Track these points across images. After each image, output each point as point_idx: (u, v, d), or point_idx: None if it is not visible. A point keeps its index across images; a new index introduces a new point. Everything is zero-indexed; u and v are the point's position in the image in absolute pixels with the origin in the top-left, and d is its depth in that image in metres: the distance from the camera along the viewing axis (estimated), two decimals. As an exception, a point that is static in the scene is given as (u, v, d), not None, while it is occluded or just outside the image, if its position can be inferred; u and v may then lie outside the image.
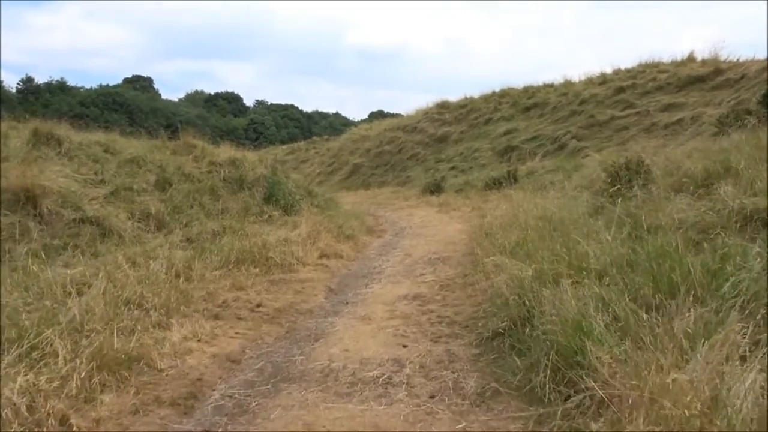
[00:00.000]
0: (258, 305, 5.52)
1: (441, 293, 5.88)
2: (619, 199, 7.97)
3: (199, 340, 4.44)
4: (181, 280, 6.01)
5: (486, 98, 28.03)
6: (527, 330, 3.85)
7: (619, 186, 8.38)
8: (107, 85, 64.90)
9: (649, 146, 13.94)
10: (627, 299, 3.55)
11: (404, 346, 4.28)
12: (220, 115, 67.20)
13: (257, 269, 6.95)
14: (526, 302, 4.06)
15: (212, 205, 10.08)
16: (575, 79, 25.09)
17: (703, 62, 19.71)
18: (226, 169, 11.67)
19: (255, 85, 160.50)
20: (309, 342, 4.60)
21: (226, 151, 12.39)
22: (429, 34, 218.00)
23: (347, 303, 5.88)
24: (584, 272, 4.29)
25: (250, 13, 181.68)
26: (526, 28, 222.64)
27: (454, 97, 30.21)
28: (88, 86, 64.66)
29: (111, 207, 8.70)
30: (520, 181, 16.70)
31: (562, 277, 4.18)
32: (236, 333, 4.73)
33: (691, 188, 6.98)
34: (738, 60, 19.00)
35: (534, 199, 11.29)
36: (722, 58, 19.27)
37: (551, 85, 26.18)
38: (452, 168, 23.26)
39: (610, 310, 3.45)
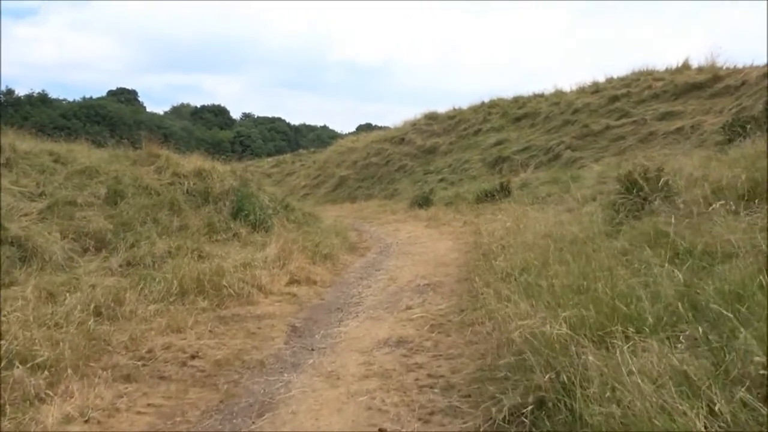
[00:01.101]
0: (193, 356, 4.16)
1: (432, 336, 4.53)
2: (639, 214, 6.74)
3: (86, 420, 3.07)
4: (101, 319, 4.63)
5: (475, 109, 26.90)
6: (563, 415, 2.53)
7: (636, 198, 7.12)
8: (90, 98, 63.22)
9: (654, 156, 12.81)
10: (721, 375, 2.24)
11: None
12: (206, 127, 65.63)
13: (206, 302, 5.60)
14: (559, 370, 2.73)
15: (169, 221, 8.69)
16: (566, 89, 24.05)
17: (700, 69, 18.67)
18: (190, 180, 10.30)
19: (242, 99, 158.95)
20: (249, 418, 3.24)
21: (192, 162, 11.01)
22: (416, 48, 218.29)
23: (312, 350, 4.52)
24: (634, 321, 2.98)
25: (238, 27, 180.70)
26: (514, 40, 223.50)
27: (442, 108, 29.07)
28: (71, 99, 62.96)
29: (43, 224, 7.30)
30: (513, 193, 15.46)
31: (605, 330, 2.86)
32: (148, 405, 3.37)
33: (731, 202, 5.73)
34: (736, 67, 17.97)
35: (533, 213, 10.03)
36: (719, 65, 18.23)
37: (542, 95, 25.11)
38: (441, 180, 22.02)
39: (702, 395, 2.14)
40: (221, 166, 11.44)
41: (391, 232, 13.96)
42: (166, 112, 70.16)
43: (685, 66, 19.79)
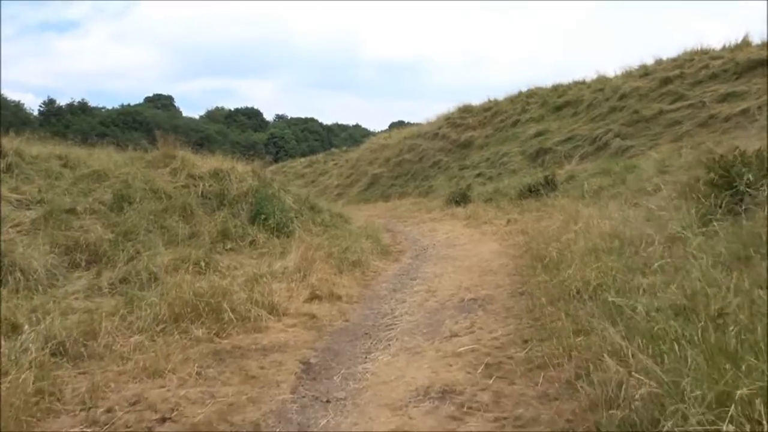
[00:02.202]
0: (165, 418, 3.04)
1: (489, 384, 3.29)
2: (738, 209, 5.39)
3: None
4: (63, 359, 3.57)
5: (512, 99, 25.39)
6: None
7: (729, 189, 5.75)
8: (128, 105, 63.79)
9: (723, 140, 11.27)
10: None
11: None
12: (240, 130, 65.47)
13: (202, 329, 4.49)
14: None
15: (180, 228, 7.68)
16: (610, 74, 22.34)
17: (764, 45, 16.82)
18: (206, 182, 9.30)
19: (275, 101, 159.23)
20: None
21: (209, 162, 10.02)
22: (448, 44, 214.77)
23: (327, 401, 3.36)
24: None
25: (269, 30, 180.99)
26: (547, 32, 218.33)
27: (477, 101, 27.62)
28: (110, 107, 63.61)
29: (32, 236, 6.35)
30: (559, 187, 14.06)
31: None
32: None
33: None
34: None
35: (587, 210, 8.66)
36: (786, 40, 16.37)
37: (583, 82, 23.46)
38: (478, 175, 20.66)
39: None
40: (241, 166, 10.42)
41: (427, 233, 12.74)
42: (201, 116, 70.41)
43: (745, 42, 17.96)
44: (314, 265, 6.82)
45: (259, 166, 10.97)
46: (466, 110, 27.13)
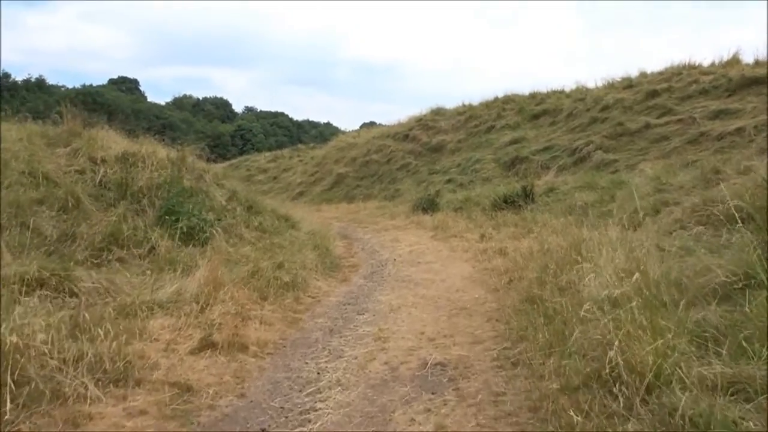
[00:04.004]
0: None
1: None
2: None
3: None
4: None
5: (487, 105, 23.74)
6: None
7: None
8: (90, 85, 60.13)
9: (728, 159, 9.68)
10: None
11: None
12: (207, 120, 62.44)
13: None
14: None
15: (52, 227, 5.58)
16: (590, 84, 20.86)
17: (757, 63, 15.49)
18: (111, 168, 7.19)
19: (249, 93, 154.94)
20: None
21: (119, 143, 7.91)
22: (426, 50, 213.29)
23: None
24: None
25: (248, 22, 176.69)
26: (527, 43, 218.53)
27: (451, 104, 25.91)
28: (71, 87, 59.93)
29: None
30: (538, 200, 12.34)
31: None
32: None
33: None
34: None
35: (578, 230, 6.86)
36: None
37: (562, 91, 21.95)
38: (449, 181, 18.89)
39: None
40: (164, 151, 8.34)
41: (389, 243, 10.84)
42: (167, 103, 67.05)
43: (735, 60, 16.62)
44: (223, 290, 4.82)
45: (189, 151, 8.87)
46: (438, 113, 25.40)
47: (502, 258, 7.36)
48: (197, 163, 9.06)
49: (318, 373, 3.68)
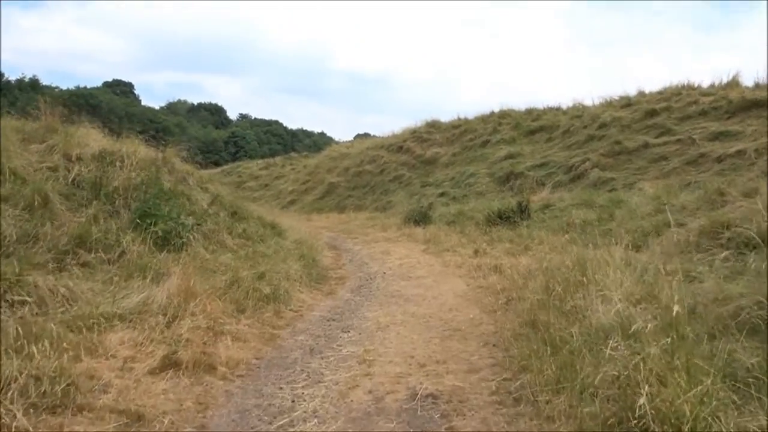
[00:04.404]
0: None
1: None
2: None
3: None
4: None
5: (483, 119, 23.45)
6: None
7: None
8: (84, 87, 59.44)
9: (732, 181, 9.35)
10: None
11: None
12: (201, 125, 61.84)
13: None
14: None
15: (12, 228, 5.10)
16: (587, 102, 20.62)
17: (757, 86, 15.29)
18: (86, 166, 6.74)
19: (243, 101, 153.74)
20: None
21: (98, 141, 7.47)
22: (419, 62, 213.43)
23: None
24: None
25: (244, 30, 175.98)
26: (521, 60, 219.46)
27: (446, 118, 25.62)
28: (65, 88, 59.23)
29: None
30: (533, 216, 11.97)
31: None
32: None
33: None
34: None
35: (588, 251, 6.46)
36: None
37: (558, 108, 21.71)
38: (442, 194, 18.52)
39: None
40: (145, 150, 7.89)
41: (379, 256, 10.41)
42: (161, 107, 66.44)
43: (734, 82, 16.42)
44: (195, 301, 4.37)
45: (172, 153, 8.43)
46: (433, 125, 25.10)
47: (498, 275, 6.94)
48: (181, 165, 8.62)
49: (293, 401, 3.23)
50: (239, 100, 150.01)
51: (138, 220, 5.83)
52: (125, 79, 70.27)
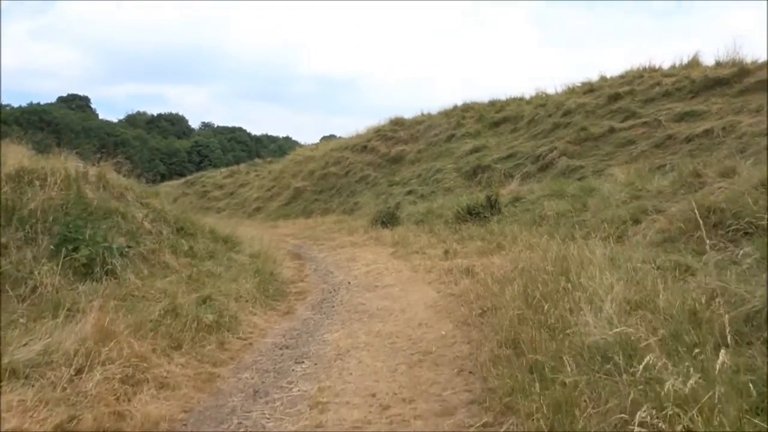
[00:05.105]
0: None
1: None
2: None
3: None
4: None
5: (446, 113, 22.92)
6: None
7: None
8: (38, 104, 57.19)
9: (707, 161, 8.91)
10: None
11: None
12: (162, 136, 60.04)
13: None
14: None
15: None
16: (550, 90, 20.26)
17: (719, 64, 15.04)
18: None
19: (208, 109, 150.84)
20: None
21: (17, 158, 6.59)
22: (386, 64, 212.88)
23: None
24: None
25: (206, 37, 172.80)
26: (487, 57, 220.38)
27: (410, 114, 25.01)
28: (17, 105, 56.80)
29: None
30: (504, 210, 11.42)
31: None
32: None
33: None
34: (761, 61, 14.39)
35: (567, 247, 5.89)
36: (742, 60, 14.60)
37: (522, 98, 21.30)
38: (409, 192, 17.91)
39: None
40: (73, 166, 7.03)
41: (344, 263, 9.72)
42: (120, 120, 64.34)
43: (695, 61, 16.20)
44: (112, 343, 3.61)
45: (107, 168, 7.59)
46: (397, 123, 24.47)
47: (470, 279, 6.32)
48: (119, 180, 7.78)
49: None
50: (203, 109, 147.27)
51: (54, 247, 5.02)
52: (83, 93, 67.91)
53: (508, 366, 3.17)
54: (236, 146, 63.36)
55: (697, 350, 2.87)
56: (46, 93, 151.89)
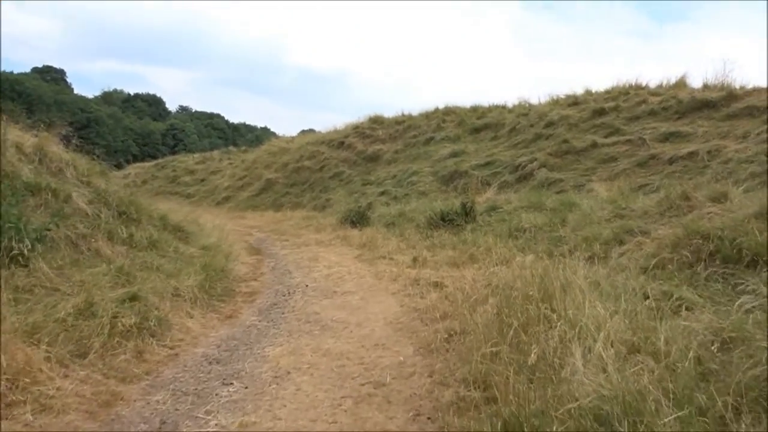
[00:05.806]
0: None
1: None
2: None
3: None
4: None
5: (427, 115, 22.32)
6: None
7: None
8: (11, 72, 54.86)
9: (698, 184, 8.44)
10: None
11: None
12: (137, 117, 58.25)
13: None
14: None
15: None
16: (534, 100, 19.81)
17: (706, 86, 14.72)
18: None
19: (185, 93, 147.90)
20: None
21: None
22: (372, 61, 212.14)
23: None
24: None
25: (193, 22, 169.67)
26: (473, 61, 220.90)
27: (390, 113, 24.34)
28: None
29: None
30: (478, 219, 10.82)
31: None
32: None
33: None
34: (749, 87, 14.11)
35: (536, 261, 5.33)
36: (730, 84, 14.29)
37: (504, 106, 20.81)
38: (382, 193, 17.24)
39: None
40: (19, 135, 6.19)
41: (305, 263, 8.99)
42: (95, 97, 62.25)
43: (681, 82, 15.87)
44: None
45: (48, 138, 6.76)
46: (376, 121, 23.77)
47: (438, 293, 5.67)
48: (60, 154, 6.94)
49: None
50: (181, 92, 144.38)
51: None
52: (59, 66, 65.60)
53: (476, 417, 2.52)
54: (213, 132, 61.87)
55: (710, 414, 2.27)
56: (21, 62, 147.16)
